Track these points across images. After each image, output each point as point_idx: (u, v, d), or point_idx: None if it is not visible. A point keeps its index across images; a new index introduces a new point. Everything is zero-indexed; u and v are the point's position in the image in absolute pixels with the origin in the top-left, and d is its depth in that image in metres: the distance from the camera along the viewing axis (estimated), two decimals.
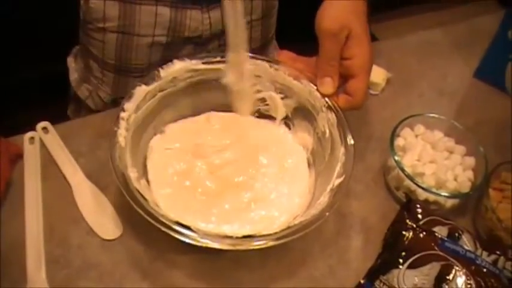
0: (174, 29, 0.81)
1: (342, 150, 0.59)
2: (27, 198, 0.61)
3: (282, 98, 0.67)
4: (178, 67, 0.63)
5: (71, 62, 0.92)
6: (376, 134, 0.73)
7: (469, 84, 0.84)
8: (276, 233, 0.52)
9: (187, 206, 0.59)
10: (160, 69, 0.63)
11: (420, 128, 0.69)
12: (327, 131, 0.62)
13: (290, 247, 0.60)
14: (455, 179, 0.64)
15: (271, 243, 0.52)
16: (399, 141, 0.67)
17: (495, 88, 0.83)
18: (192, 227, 0.51)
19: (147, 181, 0.60)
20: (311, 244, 0.61)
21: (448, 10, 1.93)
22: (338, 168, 0.58)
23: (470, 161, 0.66)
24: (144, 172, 0.61)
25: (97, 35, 0.81)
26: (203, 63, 0.65)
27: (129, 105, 0.60)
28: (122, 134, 0.57)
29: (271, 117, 0.69)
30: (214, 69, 0.65)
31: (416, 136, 0.69)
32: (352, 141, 0.59)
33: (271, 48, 0.95)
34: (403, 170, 0.63)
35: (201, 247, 0.51)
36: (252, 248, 0.52)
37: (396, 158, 0.64)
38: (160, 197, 0.59)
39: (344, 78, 0.62)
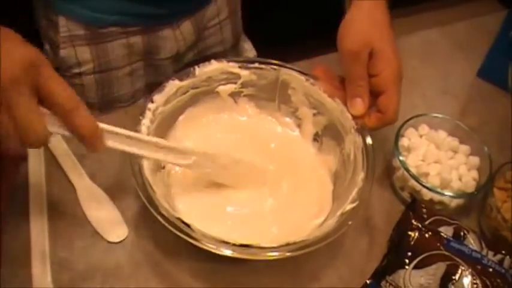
0: (150, 53, 0.80)
1: (361, 175, 0.57)
2: (31, 201, 0.61)
3: (314, 114, 0.67)
4: (214, 67, 0.64)
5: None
6: (380, 135, 0.73)
7: (472, 84, 0.85)
8: (272, 247, 0.52)
9: (198, 208, 0.60)
10: (196, 67, 0.63)
11: (424, 128, 0.69)
12: (352, 154, 0.61)
13: None
14: (459, 179, 0.64)
15: (269, 256, 0.51)
16: (403, 142, 0.67)
17: (498, 88, 0.83)
18: (191, 226, 0.51)
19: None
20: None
21: (447, 10, 1.93)
22: (354, 193, 0.56)
23: (475, 160, 0.66)
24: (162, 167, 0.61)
25: (75, 80, 0.79)
26: (239, 67, 0.65)
27: (159, 98, 0.60)
28: (146, 124, 0.58)
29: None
30: (250, 74, 0.65)
31: (421, 136, 0.69)
32: (374, 168, 0.58)
33: (241, 44, 0.95)
34: (408, 170, 0.63)
35: (206, 251, 0.51)
36: (247, 257, 0.52)
37: (401, 158, 0.64)
38: (175, 192, 0.60)
39: (375, 94, 0.61)
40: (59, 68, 0.79)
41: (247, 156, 0.65)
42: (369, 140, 0.60)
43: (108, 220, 0.60)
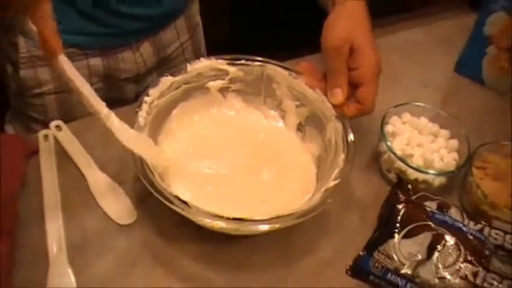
0: (109, 75, 0.83)
1: (342, 156, 0.63)
2: (45, 190, 0.64)
3: (297, 106, 0.72)
4: (204, 64, 0.69)
5: (9, 129, 0.89)
6: (365, 127, 0.78)
7: (451, 78, 0.91)
8: (264, 220, 0.56)
9: (193, 189, 0.64)
10: (187, 63, 0.68)
11: (407, 116, 0.74)
12: (333, 139, 0.66)
13: (292, 228, 0.64)
14: (441, 160, 0.70)
15: (260, 228, 0.56)
16: (388, 128, 0.73)
17: (473, 81, 0.89)
18: (188, 203, 0.56)
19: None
20: (310, 224, 0.64)
21: (428, 16, 2.01)
22: (336, 172, 0.61)
23: (454, 143, 0.71)
24: None
25: (36, 100, 0.82)
26: (227, 63, 0.70)
27: (153, 92, 0.65)
28: (142, 116, 0.63)
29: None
30: (237, 70, 0.70)
31: (404, 123, 0.74)
32: (353, 146, 0.63)
33: None
34: (394, 153, 0.68)
35: (211, 234, 0.56)
36: (239, 229, 0.57)
37: (388, 142, 0.69)
38: (172, 176, 0.64)
39: (354, 86, 0.67)
40: (19, 89, 0.81)
41: (236, 148, 0.70)
42: (347, 127, 0.65)
43: (118, 205, 0.65)
